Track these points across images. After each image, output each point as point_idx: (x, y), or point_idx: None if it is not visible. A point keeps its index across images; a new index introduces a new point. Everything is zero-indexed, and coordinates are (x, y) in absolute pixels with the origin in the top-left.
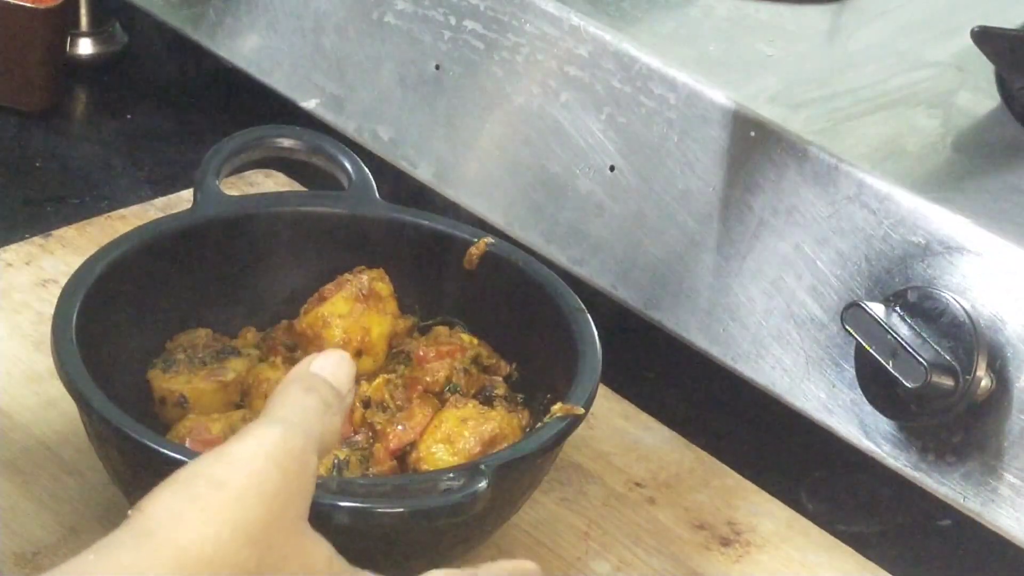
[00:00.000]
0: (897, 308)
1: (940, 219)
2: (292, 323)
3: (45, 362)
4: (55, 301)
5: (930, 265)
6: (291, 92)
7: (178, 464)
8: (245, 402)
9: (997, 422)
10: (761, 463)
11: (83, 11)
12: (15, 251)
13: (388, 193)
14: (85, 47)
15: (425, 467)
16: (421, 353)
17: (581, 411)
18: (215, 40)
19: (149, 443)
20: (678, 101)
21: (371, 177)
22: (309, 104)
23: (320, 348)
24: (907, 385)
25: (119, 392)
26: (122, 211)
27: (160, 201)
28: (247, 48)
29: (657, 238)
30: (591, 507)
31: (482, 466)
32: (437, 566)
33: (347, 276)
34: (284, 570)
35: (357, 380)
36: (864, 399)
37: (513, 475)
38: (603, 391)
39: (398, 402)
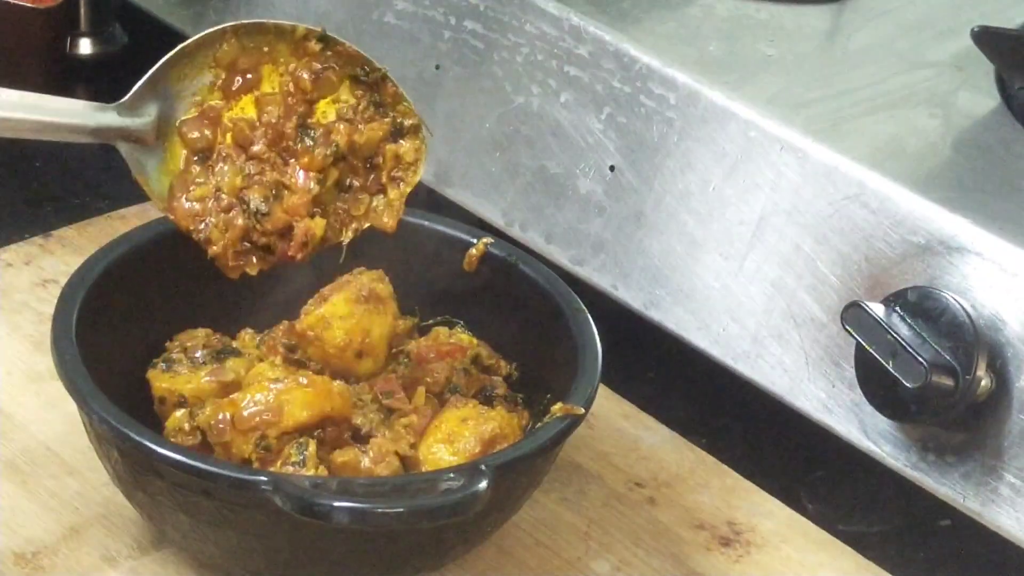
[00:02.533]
0: (897, 308)
1: (940, 219)
2: (292, 324)
3: (45, 362)
4: (55, 301)
5: (930, 265)
6: None
7: (177, 464)
8: None
9: (997, 422)
10: (761, 463)
11: (83, 11)
12: (15, 251)
13: None
14: (85, 47)
15: (425, 467)
16: (421, 354)
17: (581, 411)
18: None
19: (149, 443)
20: (678, 101)
21: None
22: None
23: (321, 349)
24: (907, 385)
25: (119, 392)
26: (122, 211)
27: None
28: None
29: (657, 238)
30: (591, 507)
31: (482, 466)
32: (437, 566)
33: (347, 277)
34: None
35: (357, 381)
36: (864, 399)
37: (513, 475)
38: (603, 391)
39: (399, 396)
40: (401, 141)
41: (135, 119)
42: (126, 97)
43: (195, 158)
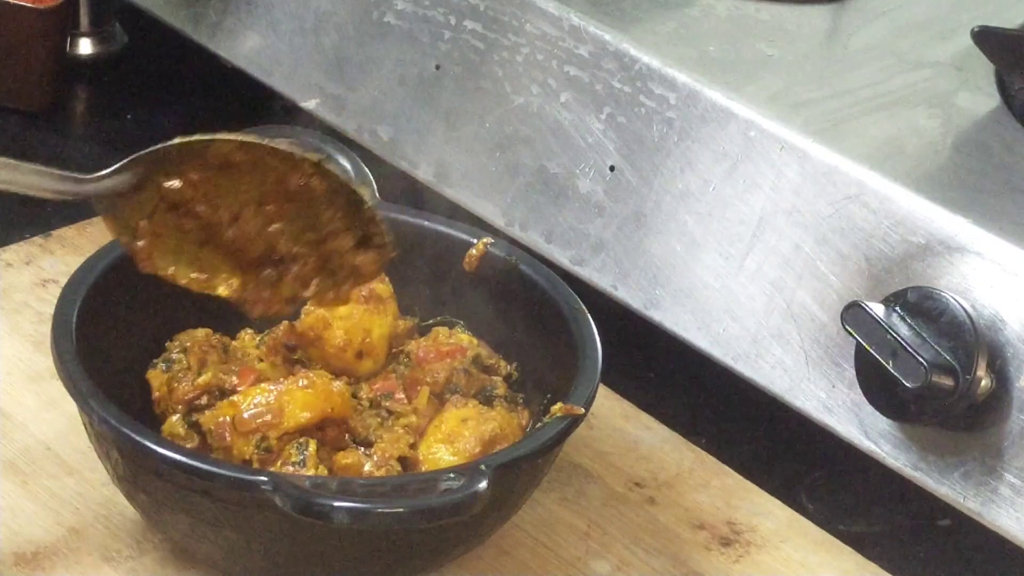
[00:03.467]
0: (897, 308)
1: (940, 219)
2: (292, 324)
3: (45, 362)
4: (55, 301)
5: (930, 265)
6: (291, 92)
7: (177, 464)
8: None
9: (997, 422)
10: (761, 463)
11: (83, 11)
12: (15, 251)
13: (388, 193)
14: (85, 47)
15: (425, 467)
16: (421, 354)
17: (581, 411)
18: (215, 40)
19: (149, 443)
20: (678, 101)
21: (371, 177)
22: (309, 104)
23: (322, 349)
24: (907, 385)
25: (119, 392)
26: None
27: None
28: (247, 48)
29: (657, 238)
30: (591, 507)
31: (482, 466)
32: (437, 566)
33: None
34: None
35: (357, 381)
36: (864, 399)
37: (513, 475)
38: (603, 391)
39: (398, 397)
40: (363, 255)
41: (112, 182)
42: (111, 169)
43: (166, 206)
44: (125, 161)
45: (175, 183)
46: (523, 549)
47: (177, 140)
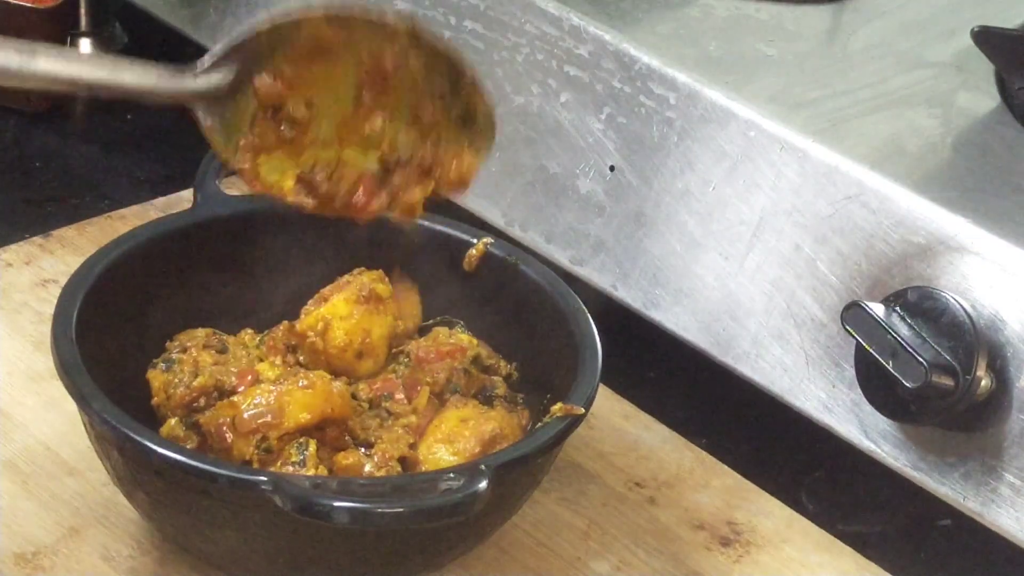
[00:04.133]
0: (897, 308)
1: (940, 219)
2: (293, 324)
3: (45, 362)
4: (55, 301)
5: (930, 265)
6: None
7: (177, 464)
8: None
9: (997, 422)
10: (761, 463)
11: (83, 11)
12: (15, 251)
13: None
14: (85, 47)
15: (425, 467)
16: (421, 354)
17: (581, 411)
18: (215, 40)
19: (149, 443)
20: (678, 101)
21: None
22: None
23: (322, 349)
24: (907, 385)
25: (119, 392)
26: (122, 211)
27: (160, 201)
28: None
29: (657, 238)
30: (591, 507)
31: (482, 466)
32: (437, 566)
33: (347, 278)
34: None
35: (357, 381)
36: (864, 399)
37: (513, 475)
38: (603, 391)
39: (398, 398)
40: (466, 160)
41: (211, 78)
42: (208, 61)
43: (266, 113)
44: (217, 53)
45: (268, 80)
46: (523, 549)
47: (266, 25)
